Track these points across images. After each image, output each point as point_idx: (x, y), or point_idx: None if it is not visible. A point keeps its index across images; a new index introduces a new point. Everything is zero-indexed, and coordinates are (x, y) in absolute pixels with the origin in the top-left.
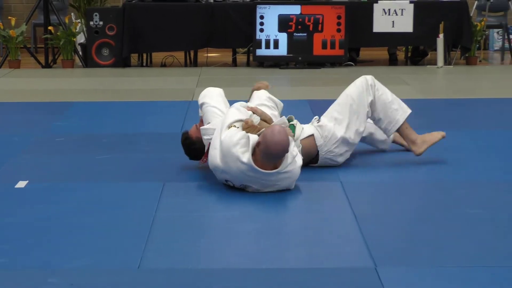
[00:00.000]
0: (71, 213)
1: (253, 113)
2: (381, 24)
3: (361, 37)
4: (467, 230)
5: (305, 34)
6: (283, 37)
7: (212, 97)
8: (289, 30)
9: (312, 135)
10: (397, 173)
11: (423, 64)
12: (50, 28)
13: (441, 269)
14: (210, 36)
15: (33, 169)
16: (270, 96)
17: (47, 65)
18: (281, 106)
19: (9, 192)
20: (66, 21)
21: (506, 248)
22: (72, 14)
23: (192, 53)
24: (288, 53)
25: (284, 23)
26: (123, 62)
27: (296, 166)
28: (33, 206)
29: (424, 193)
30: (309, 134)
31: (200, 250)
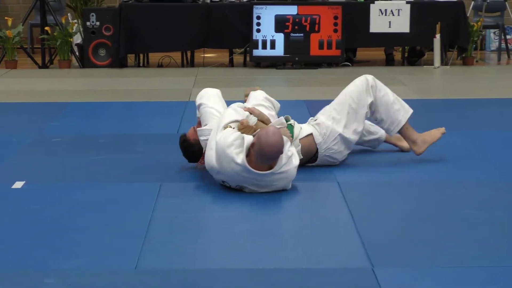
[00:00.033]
0: (68, 214)
1: (250, 113)
2: (377, 24)
3: (358, 37)
4: (464, 230)
5: (302, 34)
6: (280, 38)
7: (209, 98)
8: (286, 31)
9: (311, 134)
10: (394, 173)
11: (420, 64)
12: (46, 28)
13: (439, 269)
14: (206, 36)
15: (29, 170)
16: (267, 97)
17: (44, 66)
18: (278, 107)
19: (6, 192)
20: (63, 21)
21: (504, 248)
22: (68, 14)
23: (189, 54)
24: (285, 54)
25: (280, 23)
26: (119, 63)
27: (292, 166)
28: (29, 206)
29: (422, 193)
30: (308, 133)
31: (197, 251)
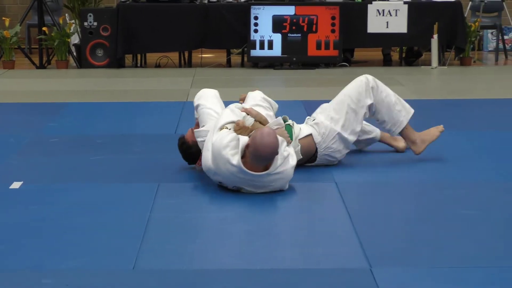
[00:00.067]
0: (66, 214)
1: (247, 114)
2: (375, 24)
3: (356, 37)
4: (463, 231)
5: (299, 34)
6: (277, 38)
7: (207, 99)
8: (283, 31)
9: (310, 134)
10: (392, 173)
11: (417, 64)
12: (44, 28)
13: (437, 269)
14: (204, 36)
15: (27, 170)
16: (265, 97)
17: (41, 66)
18: (276, 107)
19: (4, 193)
20: (60, 21)
21: (501, 248)
22: (66, 14)
23: (186, 54)
24: (282, 54)
25: (278, 23)
26: (117, 63)
27: (288, 167)
28: (27, 206)
29: (420, 193)
30: (307, 134)
31: (194, 251)
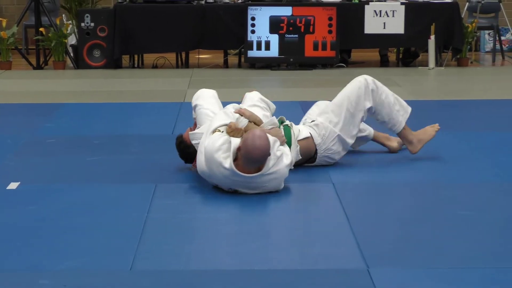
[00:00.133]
0: (63, 215)
1: (241, 115)
2: (372, 25)
3: (353, 38)
4: (459, 231)
5: (296, 35)
6: (274, 39)
7: (205, 99)
8: (281, 32)
9: (310, 135)
10: (389, 174)
11: (415, 65)
12: (41, 29)
13: (434, 270)
14: (201, 37)
15: (24, 171)
16: (262, 98)
17: (38, 67)
18: (273, 108)
19: (1, 193)
20: (57, 22)
21: (498, 249)
22: (63, 15)
23: (183, 55)
24: (279, 55)
25: (275, 24)
26: (114, 64)
27: (282, 166)
28: (24, 207)
29: (416, 194)
30: (307, 135)
31: (192, 252)
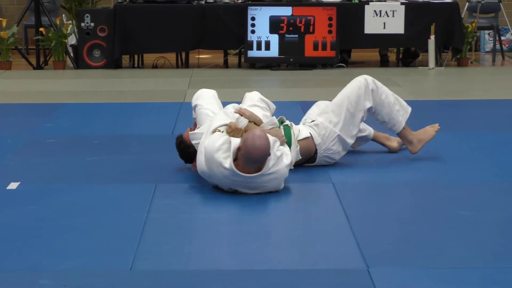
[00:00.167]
0: (63, 215)
1: (241, 115)
2: (372, 25)
3: (353, 38)
4: (459, 231)
5: (296, 35)
6: (274, 39)
7: (205, 99)
8: (281, 32)
9: (310, 135)
10: (389, 174)
11: (414, 65)
12: (41, 29)
13: (434, 270)
14: (201, 37)
15: (24, 171)
16: (262, 98)
17: (38, 67)
18: (273, 108)
19: (1, 193)
20: (57, 22)
21: (498, 249)
22: (63, 15)
23: (183, 55)
24: (279, 55)
25: (275, 24)
26: (114, 64)
27: (282, 166)
28: (24, 207)
29: (416, 194)
30: (307, 135)
31: (192, 252)
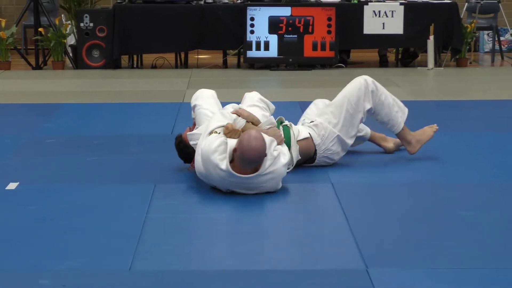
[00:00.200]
0: (62, 215)
1: (238, 115)
2: (371, 25)
3: (352, 38)
4: (458, 231)
5: (295, 35)
6: (273, 39)
7: (204, 99)
8: (280, 32)
9: (309, 136)
10: (388, 174)
11: (414, 65)
12: (40, 29)
13: (433, 270)
14: (200, 37)
15: (23, 171)
16: (261, 98)
17: (38, 67)
18: (272, 108)
19: (0, 193)
20: (57, 22)
21: (498, 249)
22: (62, 15)
23: (182, 55)
24: (278, 55)
25: (274, 24)
26: (113, 64)
27: (279, 166)
28: (24, 207)
29: (415, 195)
30: (306, 136)
31: (191, 252)
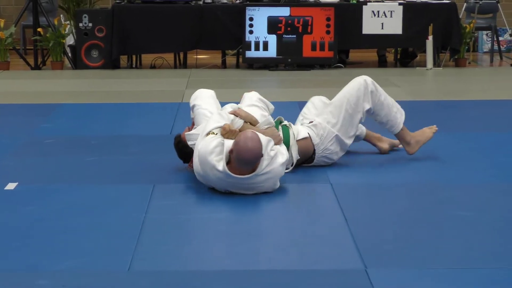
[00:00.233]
0: (61, 215)
1: (236, 116)
2: (370, 26)
3: (351, 39)
4: (458, 231)
5: (294, 36)
6: (272, 39)
7: (203, 99)
8: (279, 32)
9: (308, 136)
10: (387, 174)
11: (412, 66)
12: (39, 29)
13: (432, 270)
14: (199, 37)
15: (22, 171)
16: (260, 98)
17: (36, 67)
18: (271, 108)
19: None
20: (55, 22)
21: (498, 249)
22: (61, 15)
23: (181, 55)
24: (277, 55)
25: (273, 25)
26: (112, 64)
27: (276, 165)
28: (22, 208)
29: (414, 195)
30: (305, 136)
31: (190, 252)
